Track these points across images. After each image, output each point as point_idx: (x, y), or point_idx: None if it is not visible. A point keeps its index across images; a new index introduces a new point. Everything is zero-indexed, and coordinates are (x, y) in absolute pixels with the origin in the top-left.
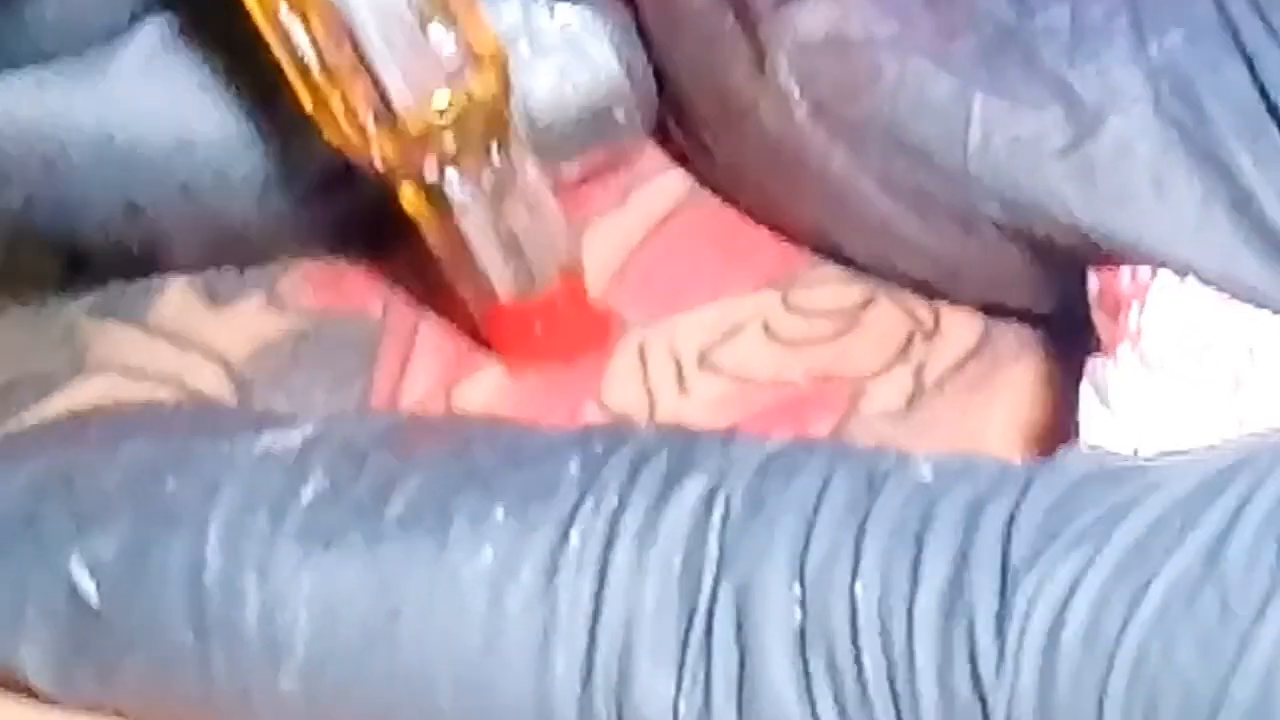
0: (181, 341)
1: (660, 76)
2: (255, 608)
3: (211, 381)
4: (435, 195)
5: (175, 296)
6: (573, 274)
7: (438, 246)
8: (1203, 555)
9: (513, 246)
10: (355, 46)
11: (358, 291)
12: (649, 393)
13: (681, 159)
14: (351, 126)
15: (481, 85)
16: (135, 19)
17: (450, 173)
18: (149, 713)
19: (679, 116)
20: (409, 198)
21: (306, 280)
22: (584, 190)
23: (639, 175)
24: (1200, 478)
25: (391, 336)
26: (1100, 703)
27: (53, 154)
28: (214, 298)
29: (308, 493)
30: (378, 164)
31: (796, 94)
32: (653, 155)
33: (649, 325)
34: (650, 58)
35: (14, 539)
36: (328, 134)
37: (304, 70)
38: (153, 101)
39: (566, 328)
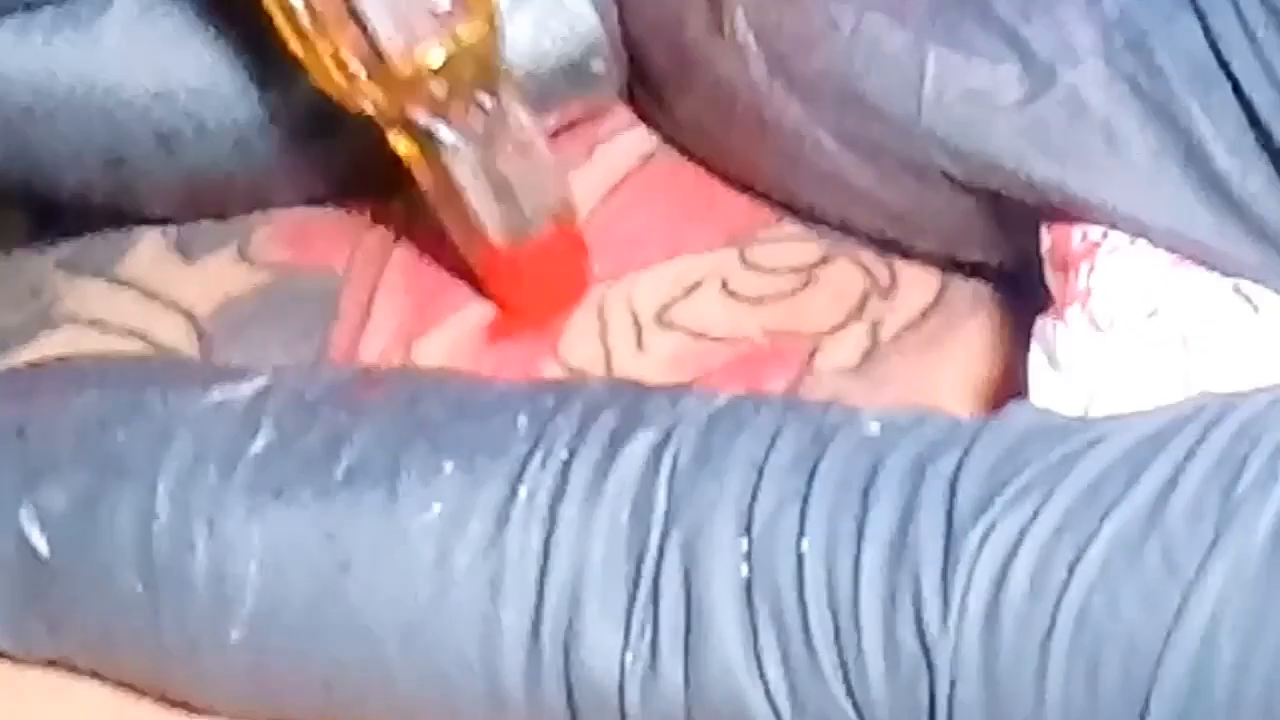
0: (149, 295)
1: (622, 32)
2: (204, 559)
3: (176, 335)
4: (426, 140)
5: (146, 250)
6: (566, 218)
7: (430, 191)
8: (1147, 508)
9: (505, 190)
10: None
11: (324, 247)
12: (606, 349)
13: (645, 117)
14: (342, 73)
15: (471, 31)
16: None
17: (441, 118)
18: (100, 664)
19: (641, 74)
20: (401, 143)
21: (277, 235)
22: (553, 145)
23: (604, 132)
24: (1145, 432)
25: (353, 291)
26: (1044, 655)
27: (31, 102)
28: (185, 252)
29: (257, 445)
30: (368, 110)
31: (753, 48)
32: (618, 113)
33: (608, 283)
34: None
35: None
36: (318, 80)
37: (293, 17)
38: (135, 51)
39: (560, 272)
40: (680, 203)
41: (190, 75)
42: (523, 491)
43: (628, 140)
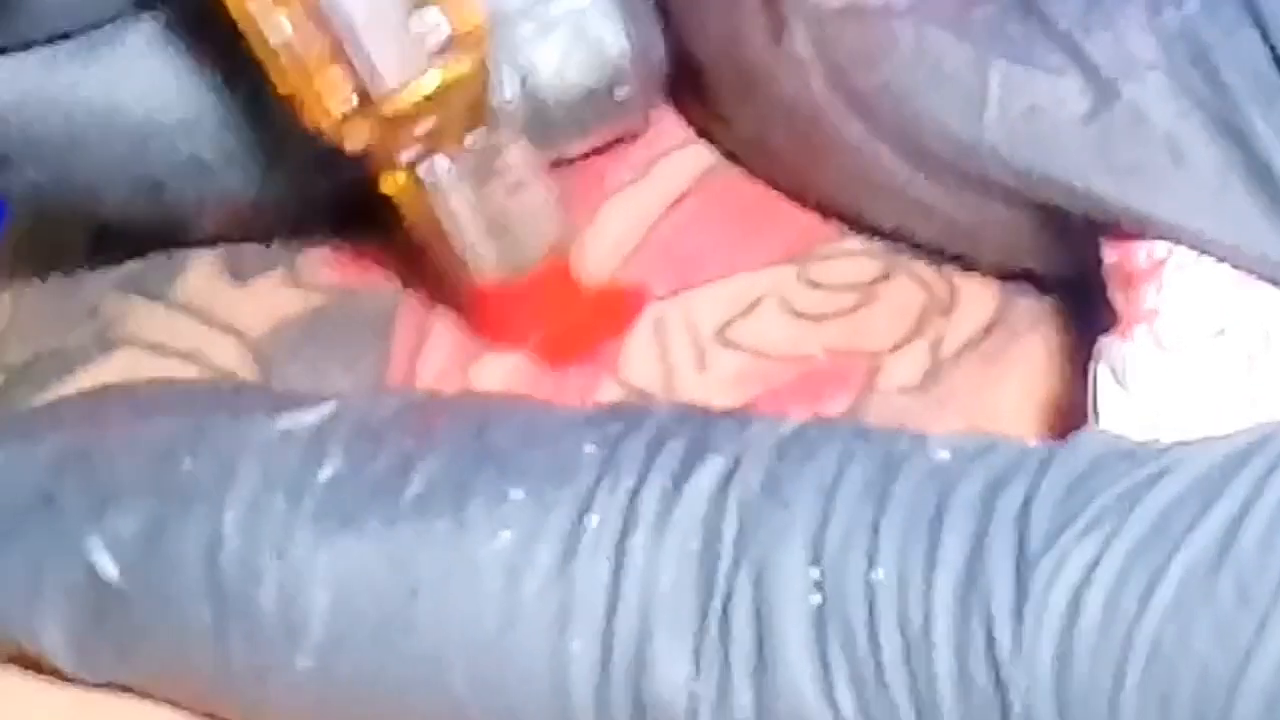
0: (204, 317)
1: (680, 49)
2: (272, 587)
3: (232, 358)
4: (416, 177)
5: (199, 272)
6: (561, 258)
7: (418, 229)
8: (1218, 538)
9: (497, 226)
10: (337, 30)
11: (376, 267)
12: (667, 369)
13: (704, 132)
14: (330, 110)
15: (464, 65)
16: (138, 7)
17: (430, 154)
18: (168, 691)
19: (698, 89)
20: (388, 181)
21: (326, 256)
22: (602, 165)
23: (660, 149)
24: (1214, 460)
25: (408, 312)
26: (1117, 687)
27: (66, 131)
28: (236, 274)
29: (325, 473)
30: (356, 147)
31: (813, 63)
32: (675, 129)
33: (667, 300)
34: (669, 30)
35: (33, 518)
36: (308, 117)
37: (279, 55)
38: (161, 78)
39: (556, 311)
40: (739, 219)
41: (217, 103)
42: (591, 520)
43: (686, 157)
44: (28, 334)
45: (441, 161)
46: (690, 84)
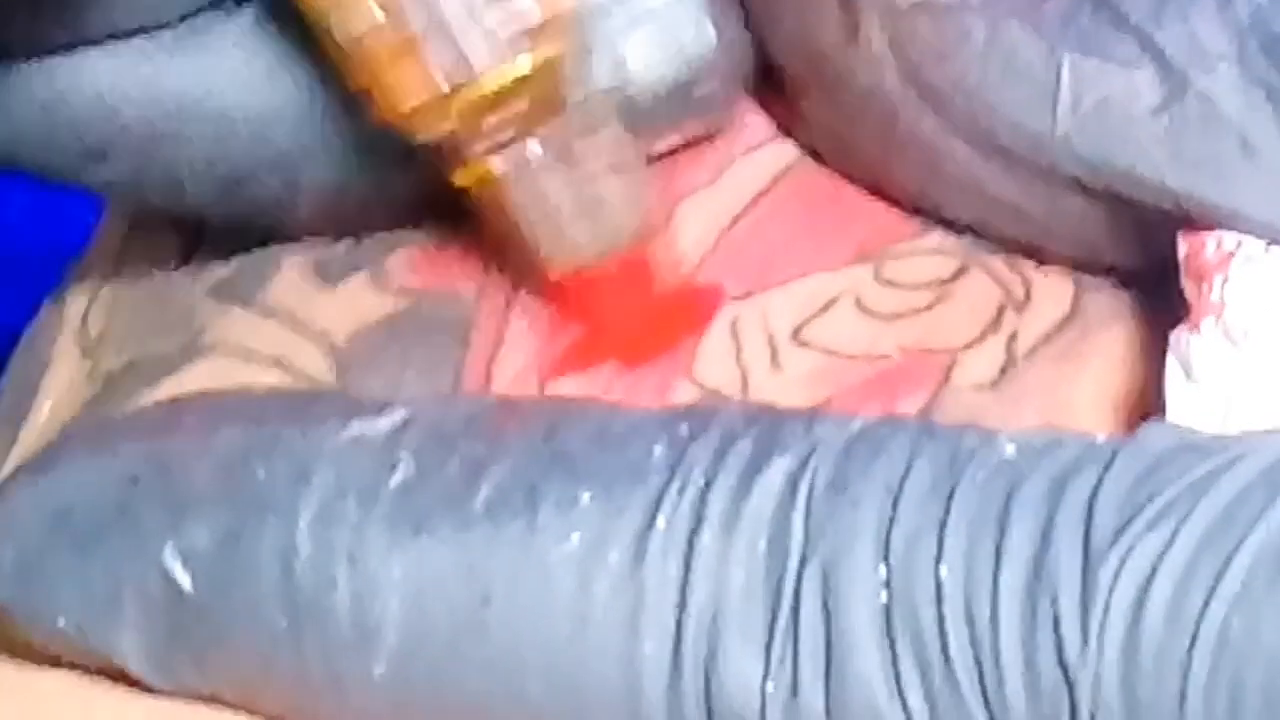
0: (291, 322)
1: (759, 45)
2: (346, 595)
3: (315, 363)
4: (493, 167)
5: (289, 275)
6: (643, 247)
7: (496, 222)
8: None
9: (581, 213)
10: (430, 12)
11: (456, 269)
12: (742, 369)
13: (786, 130)
14: (407, 99)
15: (555, 47)
16: (220, 1)
17: (511, 141)
18: (247, 699)
19: (777, 85)
20: (465, 172)
21: (410, 259)
22: (681, 163)
23: (738, 147)
24: None
25: (485, 316)
26: (1184, 680)
27: (154, 123)
28: (325, 276)
29: (396, 479)
30: (429, 139)
31: (887, 58)
32: (756, 127)
33: (742, 301)
34: (749, 27)
35: (110, 529)
36: (381, 109)
37: (352, 47)
38: (248, 70)
39: (637, 303)
40: (813, 218)
41: (304, 95)
42: (660, 521)
43: (762, 156)
44: (122, 341)
45: (522, 146)
46: (771, 80)
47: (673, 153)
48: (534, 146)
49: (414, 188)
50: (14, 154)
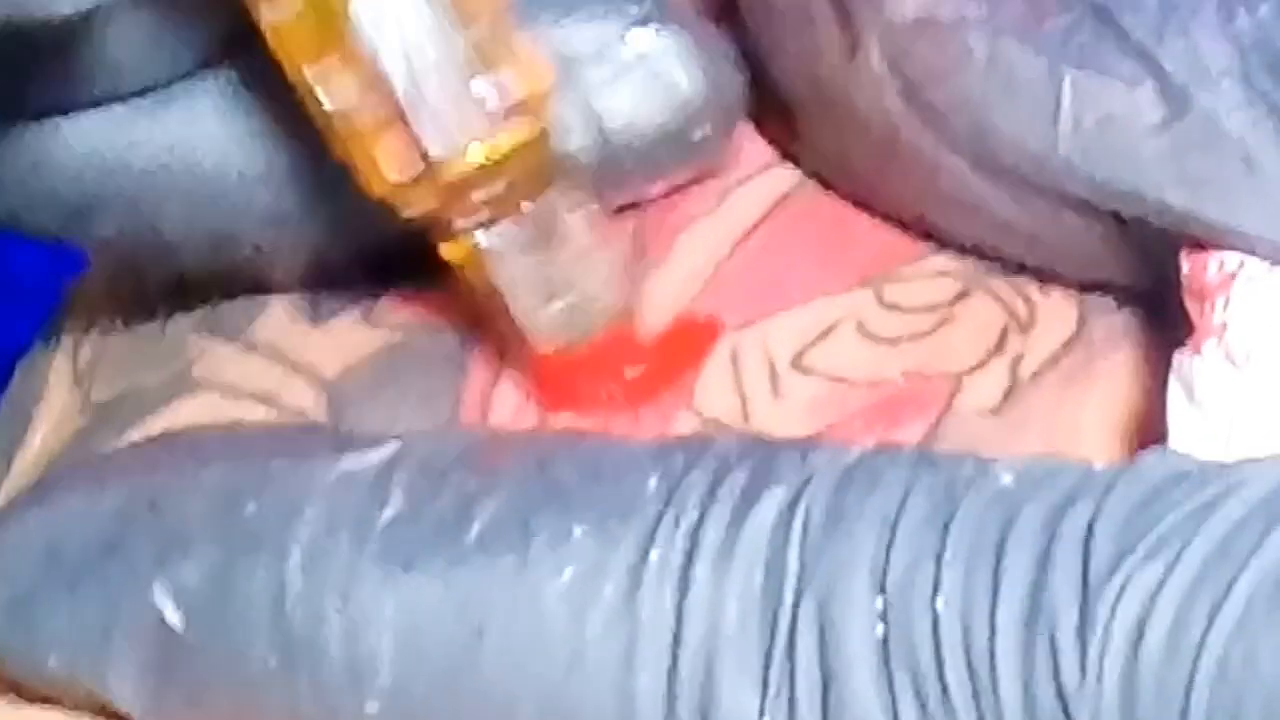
0: (279, 358)
1: (758, 68)
2: (338, 631)
3: (305, 399)
4: (474, 243)
5: (278, 313)
6: (624, 323)
7: (480, 294)
8: None
9: (555, 295)
10: (392, 96)
11: (449, 306)
12: (743, 398)
13: (786, 154)
14: (386, 177)
15: (521, 132)
16: (205, 64)
17: (491, 220)
18: None
19: (777, 109)
20: (448, 247)
21: (401, 295)
22: (677, 199)
23: (735, 177)
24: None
25: (482, 349)
26: (1184, 711)
27: (138, 185)
28: (314, 315)
29: (388, 514)
30: (413, 214)
31: (888, 78)
32: (751, 153)
33: (741, 330)
34: (746, 52)
35: (100, 566)
36: (364, 184)
37: (335, 121)
38: (230, 132)
39: (618, 376)
40: (814, 244)
41: (281, 158)
42: (654, 554)
43: (763, 183)
44: (112, 375)
45: (498, 229)
46: (771, 104)
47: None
48: (498, 231)
49: (402, 243)
50: (10, 215)
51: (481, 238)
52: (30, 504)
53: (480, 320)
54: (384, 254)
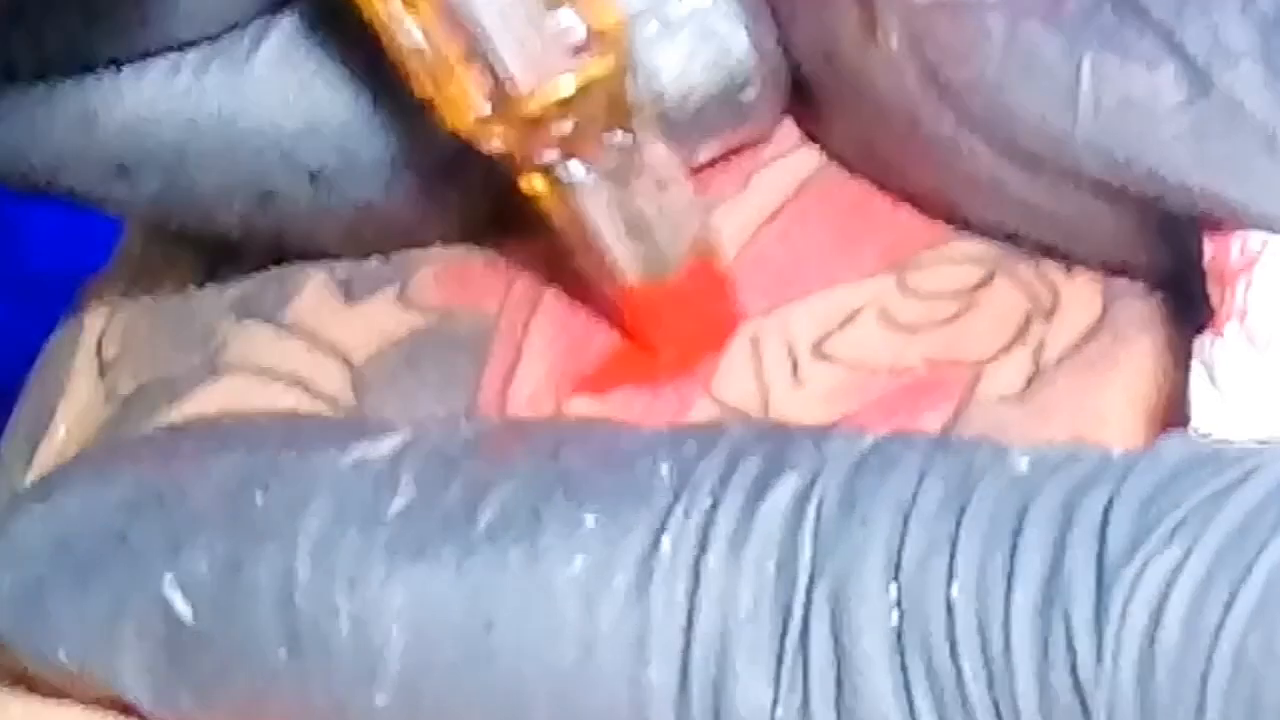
0: (312, 341)
1: (785, 52)
2: (347, 623)
3: (335, 382)
4: (556, 179)
5: (312, 293)
6: (706, 256)
7: (562, 231)
8: None
9: (640, 229)
10: (471, 32)
11: (480, 287)
12: (763, 385)
13: (812, 135)
14: (469, 113)
15: (602, 65)
16: (267, 12)
17: (571, 156)
18: None
19: (802, 91)
20: (529, 183)
21: (437, 275)
22: (706, 175)
23: (762, 159)
24: None
25: (504, 334)
26: (1201, 699)
27: (182, 142)
28: (348, 293)
29: (397, 503)
30: (496, 149)
31: (906, 59)
32: (779, 137)
33: (762, 316)
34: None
35: (109, 558)
36: (446, 120)
37: (415, 58)
38: (282, 88)
39: (703, 310)
40: (837, 229)
41: (338, 111)
42: (666, 543)
43: (786, 166)
44: (140, 361)
45: (578, 164)
46: (795, 85)
47: (704, 166)
48: (578, 165)
49: (443, 207)
50: (54, 174)
51: (563, 171)
52: (40, 495)
53: (510, 301)
54: (427, 217)
